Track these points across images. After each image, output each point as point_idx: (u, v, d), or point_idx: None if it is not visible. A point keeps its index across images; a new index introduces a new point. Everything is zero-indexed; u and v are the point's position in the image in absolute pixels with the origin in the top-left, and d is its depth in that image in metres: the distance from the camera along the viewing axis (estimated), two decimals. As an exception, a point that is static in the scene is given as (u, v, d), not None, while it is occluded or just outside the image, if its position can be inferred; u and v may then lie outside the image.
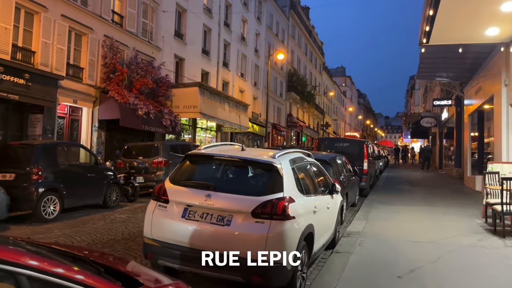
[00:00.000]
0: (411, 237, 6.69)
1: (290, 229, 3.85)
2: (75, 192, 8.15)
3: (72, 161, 8.45)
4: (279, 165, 4.13)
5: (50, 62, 13.78)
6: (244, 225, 3.78)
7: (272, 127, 35.39)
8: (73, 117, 15.39)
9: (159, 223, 4.09)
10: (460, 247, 6.11)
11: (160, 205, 4.16)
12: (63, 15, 14.27)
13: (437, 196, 12.43)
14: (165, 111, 18.11)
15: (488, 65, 12.37)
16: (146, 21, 18.91)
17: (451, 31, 9.07)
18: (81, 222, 7.55)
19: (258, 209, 3.78)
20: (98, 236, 6.44)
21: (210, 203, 3.87)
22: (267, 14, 34.47)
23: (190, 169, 4.44)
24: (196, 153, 4.47)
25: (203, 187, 4.03)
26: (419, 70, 15.63)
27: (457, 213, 9.22)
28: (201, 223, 3.88)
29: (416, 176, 21.29)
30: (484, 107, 13.63)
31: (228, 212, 3.85)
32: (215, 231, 3.82)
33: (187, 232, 3.88)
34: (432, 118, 27.74)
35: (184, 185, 4.14)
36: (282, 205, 3.84)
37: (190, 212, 3.97)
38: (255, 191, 4.00)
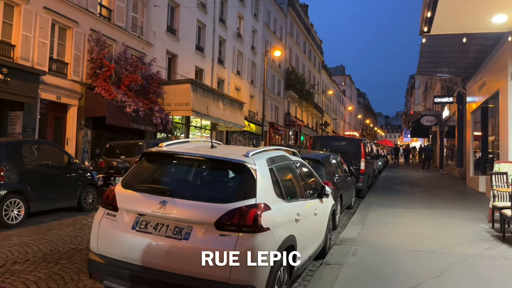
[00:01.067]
0: (411, 246, 5.99)
1: (263, 243, 3.15)
2: (44, 194, 7.46)
3: (42, 160, 7.74)
4: (253, 165, 3.43)
5: (31, 56, 13.08)
6: (206, 239, 3.08)
7: (270, 126, 34.68)
8: (57, 114, 14.68)
9: (106, 236, 3.40)
10: (466, 258, 5.40)
11: (108, 213, 3.46)
12: (45, 7, 13.57)
13: (439, 197, 11.72)
14: (155, 109, 17.41)
15: (493, 59, 11.65)
16: (136, 15, 18.20)
17: (455, 18, 8.35)
18: (47, 228, 6.86)
19: (223, 219, 3.09)
20: (59, 245, 5.74)
21: (165, 212, 3.18)
22: (264, 10, 33.73)
23: (146, 170, 3.74)
24: (154, 151, 3.75)
25: (158, 192, 3.33)
26: (419, 65, 14.93)
27: (461, 216, 8.51)
28: (155, 236, 3.19)
29: (416, 176, 20.58)
30: (488, 104, 12.92)
31: (186, 222, 3.16)
32: (171, 247, 3.12)
33: (138, 247, 3.19)
34: (433, 116, 27.03)
35: (137, 190, 3.44)
36: (253, 214, 3.15)
37: (142, 222, 3.28)
38: (222, 197, 3.30)
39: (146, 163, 3.74)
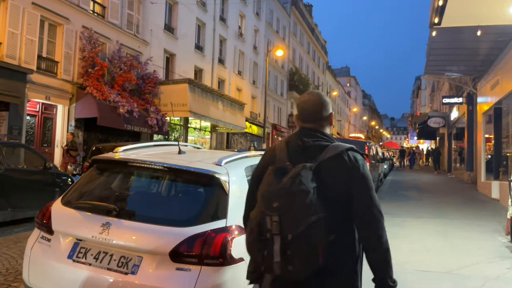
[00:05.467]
0: (422, 265, 5.23)
1: (234, 279, 2.42)
2: (14, 202, 6.77)
3: (12, 165, 7.07)
4: (225, 176, 2.70)
5: (18, 54, 12.47)
6: (158, 274, 2.36)
7: (272, 127, 33.95)
8: (46, 115, 14.06)
9: (38, 265, 2.69)
10: (486, 282, 4.63)
11: (42, 236, 2.75)
12: (34, 3, 12.97)
13: (449, 205, 10.91)
14: (151, 110, 16.77)
15: (508, 55, 10.83)
16: (131, 12, 17.57)
17: (469, 7, 7.59)
18: (14, 241, 6.16)
19: (181, 247, 2.36)
20: (19, 263, 5.02)
21: (108, 237, 2.46)
22: (266, 10, 33.03)
23: (93, 182, 3.01)
24: (105, 158, 3.03)
25: (102, 211, 2.61)
26: (427, 63, 14.15)
27: (475, 228, 7.72)
28: (95, 269, 2.46)
29: (423, 180, 19.73)
30: (502, 104, 12.11)
31: (134, 251, 2.44)
32: (114, 283, 2.39)
33: (75, 283, 2.47)
34: (440, 118, 26.15)
35: (77, 208, 2.72)
36: (221, 241, 2.42)
37: (80, 250, 2.56)
38: (182, 218, 2.56)
39: (95, 174, 3.02)
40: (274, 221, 1.56)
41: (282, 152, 1.78)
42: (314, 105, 1.85)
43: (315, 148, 1.74)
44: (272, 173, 1.67)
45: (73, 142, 13.11)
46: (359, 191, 1.68)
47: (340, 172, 1.69)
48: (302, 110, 1.88)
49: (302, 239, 1.54)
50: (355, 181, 1.68)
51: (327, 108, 1.87)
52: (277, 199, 1.58)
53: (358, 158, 1.75)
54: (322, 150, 1.73)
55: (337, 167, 1.69)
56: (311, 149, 1.75)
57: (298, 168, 1.62)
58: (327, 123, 1.88)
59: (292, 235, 1.54)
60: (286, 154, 1.76)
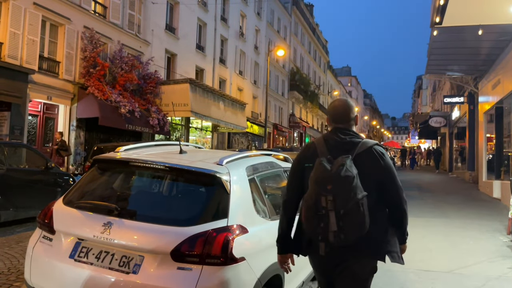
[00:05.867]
0: (423, 264, 5.23)
1: (235, 278, 2.43)
2: (16, 202, 6.79)
3: (13, 165, 7.09)
4: (226, 176, 2.71)
5: (19, 54, 12.49)
6: (160, 274, 2.37)
7: (273, 127, 33.94)
8: (48, 115, 14.09)
9: (39, 265, 2.70)
10: (487, 281, 4.63)
11: (44, 236, 2.77)
12: (35, 3, 12.99)
13: (451, 204, 10.90)
14: (152, 110, 16.78)
15: (509, 55, 10.82)
16: (133, 12, 17.59)
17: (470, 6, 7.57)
18: (16, 240, 6.18)
19: (182, 247, 2.37)
20: (20, 262, 5.04)
21: (110, 237, 2.47)
22: (267, 9, 33.02)
23: (95, 182, 3.02)
24: (106, 157, 3.04)
25: (103, 211, 2.62)
26: (428, 63, 14.13)
27: (476, 227, 7.72)
28: (97, 268, 2.48)
29: (424, 180, 19.70)
30: (503, 104, 12.09)
31: (136, 251, 2.45)
32: (116, 283, 2.41)
33: (76, 282, 2.48)
34: (442, 117, 26.13)
35: (79, 208, 2.73)
36: (223, 240, 2.43)
37: (82, 249, 2.57)
38: (183, 218, 2.57)
39: (96, 173, 3.03)
40: (329, 200, 2.01)
41: (322, 147, 2.25)
42: (344, 109, 2.34)
43: (350, 144, 2.22)
44: (321, 163, 2.08)
45: (63, 142, 13.07)
46: (388, 177, 2.22)
47: (371, 163, 2.18)
48: (334, 114, 2.36)
49: (352, 213, 2.00)
50: (384, 170, 2.21)
51: (353, 111, 2.36)
52: (330, 183, 2.02)
53: (383, 152, 2.25)
54: (355, 145, 2.20)
55: (369, 159, 2.18)
56: (347, 144, 2.22)
57: (343, 159, 2.07)
58: (354, 122, 2.36)
59: (344, 210, 2.00)
60: (326, 149, 2.22)
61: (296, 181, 2.33)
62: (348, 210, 1.99)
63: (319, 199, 2.03)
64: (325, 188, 2.02)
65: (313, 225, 2.08)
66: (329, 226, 2.01)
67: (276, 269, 2.92)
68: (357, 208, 2.00)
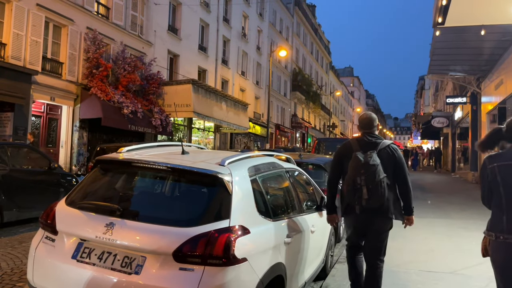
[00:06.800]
0: (426, 265, 5.22)
1: (237, 279, 2.44)
2: (19, 202, 6.83)
3: (17, 165, 7.12)
4: (228, 176, 2.72)
5: (23, 55, 12.56)
6: (162, 274, 2.38)
7: (276, 127, 33.95)
8: (51, 116, 14.14)
9: (42, 265, 2.71)
10: (490, 282, 4.60)
11: (47, 237, 2.78)
12: (38, 4, 13.05)
13: (453, 205, 10.87)
14: (155, 110, 16.82)
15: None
16: (135, 13, 17.64)
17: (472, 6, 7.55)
18: (19, 241, 6.21)
19: (184, 248, 2.37)
20: (23, 262, 5.06)
21: (112, 237, 2.48)
22: (270, 10, 33.05)
23: (97, 183, 3.03)
24: (108, 158, 3.05)
25: (106, 211, 2.63)
26: (431, 63, 14.11)
27: (479, 228, 7.60)
28: (99, 269, 2.49)
29: (427, 180, 19.65)
30: (506, 104, 12.05)
31: (138, 252, 2.46)
32: (118, 283, 2.41)
33: (79, 282, 2.49)
34: (444, 117, 26.05)
35: (81, 208, 2.74)
36: (225, 241, 2.43)
37: (84, 250, 2.58)
38: (185, 218, 2.58)
39: (99, 174, 3.04)
40: (362, 179, 3.25)
41: (356, 146, 3.49)
42: (369, 120, 3.60)
43: (375, 143, 3.47)
44: (357, 156, 3.32)
45: (34, 144, 12.79)
46: (399, 167, 3.46)
47: (388, 156, 3.42)
48: (363, 123, 3.63)
49: (376, 188, 3.25)
50: (396, 163, 3.44)
51: (376, 121, 3.62)
52: (363, 168, 3.26)
53: (396, 148, 3.48)
54: (378, 144, 3.46)
55: (386, 153, 3.43)
56: (372, 143, 3.46)
57: (370, 153, 3.32)
58: (376, 129, 3.60)
59: (371, 186, 3.24)
60: (358, 146, 3.46)
61: (336, 167, 3.63)
62: (374, 185, 3.22)
63: (356, 179, 3.27)
64: (360, 172, 3.26)
65: (352, 195, 3.32)
66: (362, 195, 3.25)
67: (279, 270, 2.94)
68: (380, 184, 3.23)
